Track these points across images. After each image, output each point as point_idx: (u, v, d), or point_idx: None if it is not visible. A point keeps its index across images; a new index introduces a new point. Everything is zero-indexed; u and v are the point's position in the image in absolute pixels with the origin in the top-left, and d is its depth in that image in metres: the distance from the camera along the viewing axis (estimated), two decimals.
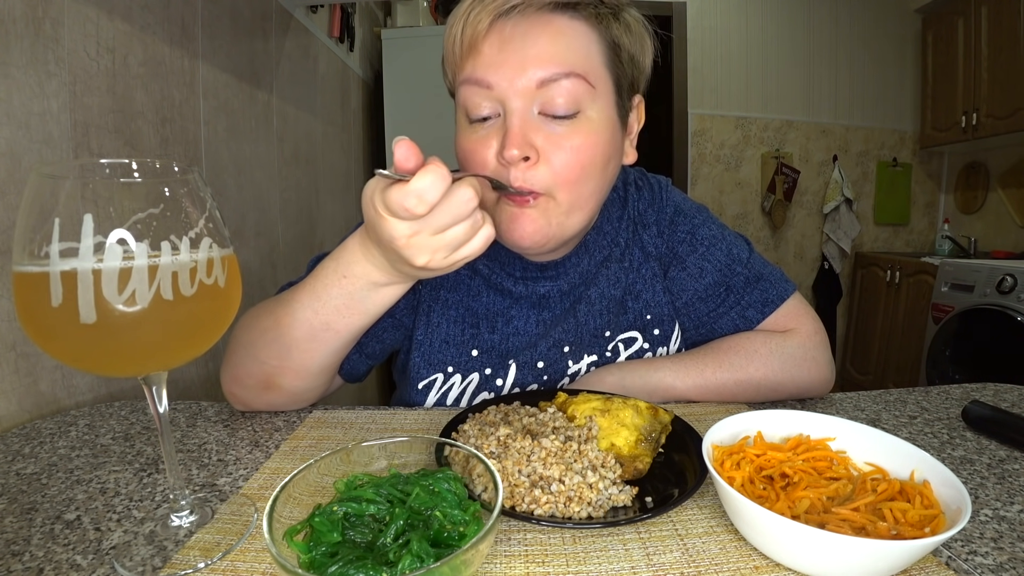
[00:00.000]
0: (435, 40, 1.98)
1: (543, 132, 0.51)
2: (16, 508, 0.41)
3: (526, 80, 0.49)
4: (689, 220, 0.69)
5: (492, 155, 0.51)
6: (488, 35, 0.50)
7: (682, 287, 0.68)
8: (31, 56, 0.63)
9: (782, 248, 3.23)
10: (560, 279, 0.66)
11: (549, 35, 0.49)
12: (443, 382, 0.65)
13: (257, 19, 1.25)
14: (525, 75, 0.49)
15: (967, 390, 0.66)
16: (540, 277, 0.66)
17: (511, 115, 0.50)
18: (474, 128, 0.53)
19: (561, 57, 0.49)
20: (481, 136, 0.52)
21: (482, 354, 0.65)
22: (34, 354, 0.63)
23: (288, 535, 0.31)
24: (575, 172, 0.51)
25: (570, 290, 0.67)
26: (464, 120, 0.54)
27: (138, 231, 0.31)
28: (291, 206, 1.47)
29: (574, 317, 0.66)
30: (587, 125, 0.51)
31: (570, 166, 0.51)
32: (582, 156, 0.51)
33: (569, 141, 0.51)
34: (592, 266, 0.67)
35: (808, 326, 0.66)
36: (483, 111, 0.52)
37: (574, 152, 0.51)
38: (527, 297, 0.66)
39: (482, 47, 0.50)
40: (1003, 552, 0.35)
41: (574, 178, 0.52)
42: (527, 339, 0.66)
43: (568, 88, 0.50)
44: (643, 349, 0.68)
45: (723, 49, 3.00)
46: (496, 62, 0.49)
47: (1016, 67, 2.38)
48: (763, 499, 0.37)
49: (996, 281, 2.17)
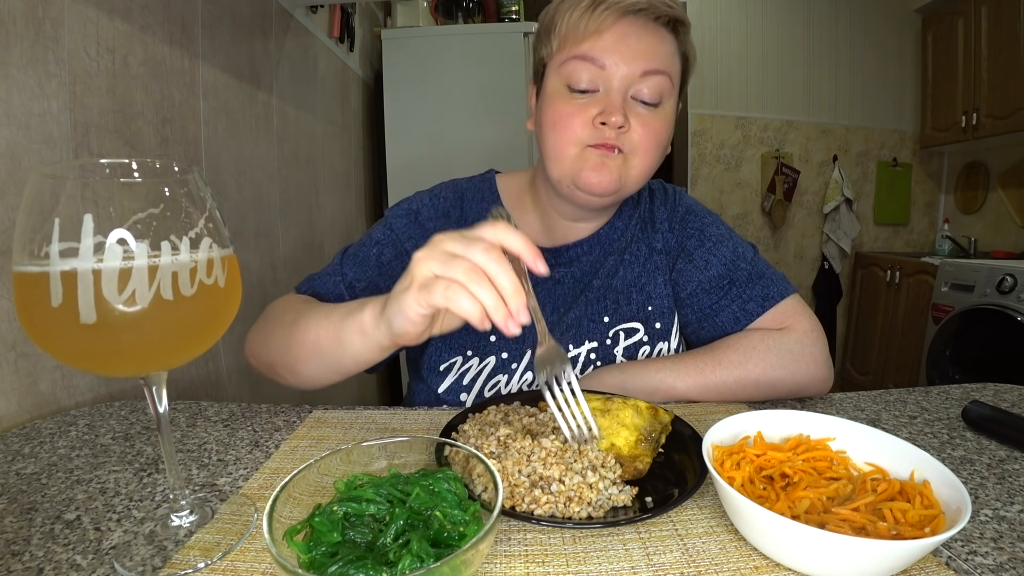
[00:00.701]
0: (435, 40, 1.98)
1: (633, 112, 0.62)
2: (16, 508, 0.41)
3: (633, 69, 0.60)
4: (699, 219, 0.75)
5: (587, 119, 0.61)
6: (613, 27, 0.60)
7: (687, 278, 0.72)
8: (31, 56, 0.63)
9: (782, 248, 3.23)
10: (573, 265, 0.72)
11: (656, 40, 0.62)
12: (461, 364, 0.69)
13: (257, 19, 1.25)
14: (634, 65, 0.60)
15: (967, 390, 0.66)
16: (555, 264, 0.72)
17: (614, 92, 0.61)
18: (574, 97, 0.62)
19: (661, 58, 0.62)
20: (580, 104, 0.62)
21: (500, 339, 0.69)
22: (34, 354, 0.63)
23: (288, 535, 0.31)
24: (652, 146, 0.63)
25: (581, 276, 0.72)
26: (564, 89, 0.63)
27: (138, 231, 0.31)
28: (291, 206, 1.47)
29: (582, 304, 0.70)
30: (663, 114, 0.64)
31: (648, 140, 0.63)
32: (659, 136, 0.64)
33: (652, 123, 0.63)
34: (602, 256, 0.73)
35: (805, 323, 0.67)
36: (583, 84, 0.61)
37: (654, 132, 0.63)
38: (543, 284, 0.71)
39: (605, 34, 0.60)
40: (1003, 552, 0.35)
41: (650, 150, 0.64)
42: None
43: (659, 82, 0.62)
44: (642, 342, 0.70)
45: (723, 49, 3.00)
46: (615, 49, 0.60)
47: (1016, 67, 2.38)
48: (763, 499, 0.37)
49: (996, 281, 2.17)
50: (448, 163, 2.00)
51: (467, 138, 2.00)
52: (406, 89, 2.01)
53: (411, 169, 2.04)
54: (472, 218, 0.72)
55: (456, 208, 0.73)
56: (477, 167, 0.85)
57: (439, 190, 0.76)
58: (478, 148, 2.00)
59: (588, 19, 0.60)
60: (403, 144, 2.04)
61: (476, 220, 0.70)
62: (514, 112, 1.97)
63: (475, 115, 1.99)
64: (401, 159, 2.05)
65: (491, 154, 1.99)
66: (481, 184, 0.76)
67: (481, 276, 0.40)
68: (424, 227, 0.71)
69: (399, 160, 2.05)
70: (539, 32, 0.67)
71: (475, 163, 2.01)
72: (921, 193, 3.28)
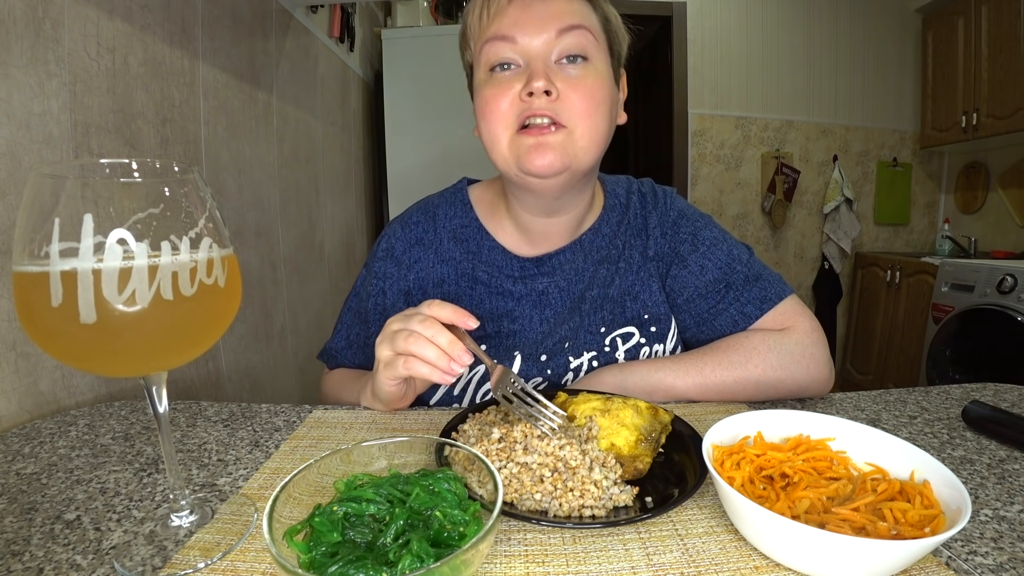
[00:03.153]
0: (435, 40, 1.98)
1: (560, 76, 0.59)
2: (16, 508, 0.41)
3: (547, 32, 0.58)
4: (692, 223, 0.72)
5: (513, 95, 0.59)
6: (512, 2, 0.59)
7: (683, 284, 0.70)
8: (31, 56, 0.63)
9: (782, 248, 3.23)
10: (556, 274, 0.70)
11: (563, 1, 0.59)
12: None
13: (257, 19, 1.25)
14: (546, 28, 0.58)
15: (967, 390, 0.66)
16: (537, 274, 0.70)
17: (534, 60, 0.58)
18: (496, 78, 0.60)
19: (572, 14, 0.59)
20: (504, 79, 0.59)
21: (489, 349, 0.69)
22: (34, 354, 0.63)
23: (288, 535, 0.31)
24: (590, 107, 0.59)
25: (568, 287, 0.70)
26: (485, 73, 0.61)
27: (138, 231, 0.31)
28: (291, 206, 1.47)
29: (578, 316, 0.69)
30: (594, 70, 0.60)
31: (586, 101, 0.59)
32: (596, 94, 0.59)
33: (583, 82, 0.59)
34: (589, 265, 0.71)
35: (805, 324, 0.66)
36: (501, 59, 0.60)
37: (588, 90, 0.59)
38: (527, 296, 0.69)
39: (507, 10, 0.59)
40: (1003, 552, 0.35)
41: (590, 111, 0.59)
42: (532, 336, 0.69)
43: (579, 37, 0.59)
44: (640, 344, 0.70)
45: (723, 49, 3.00)
46: (521, 20, 0.58)
47: (1016, 67, 2.38)
48: (763, 499, 0.37)
49: (996, 281, 2.17)
50: (448, 162, 2.00)
51: (467, 138, 1.99)
52: (406, 89, 2.00)
53: (411, 169, 2.04)
54: (446, 239, 0.71)
55: (429, 231, 0.72)
56: (476, 167, 0.86)
57: (409, 215, 0.74)
58: (478, 148, 1.98)
59: (487, 7, 0.60)
60: (403, 144, 2.04)
61: (450, 241, 0.71)
62: None
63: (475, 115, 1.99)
64: (401, 159, 2.05)
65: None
66: (452, 197, 0.74)
67: (421, 340, 0.50)
68: (400, 261, 0.71)
69: (399, 160, 2.05)
70: (460, 45, 0.67)
71: (475, 163, 2.01)
72: (921, 193, 3.28)
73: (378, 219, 2.35)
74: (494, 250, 0.70)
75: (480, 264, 0.70)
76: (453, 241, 0.71)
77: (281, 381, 1.39)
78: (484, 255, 0.70)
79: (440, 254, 0.71)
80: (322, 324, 1.69)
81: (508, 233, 0.71)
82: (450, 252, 0.71)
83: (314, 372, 1.54)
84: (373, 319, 0.72)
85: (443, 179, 0.80)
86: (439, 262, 0.71)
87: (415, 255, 0.71)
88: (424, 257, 0.71)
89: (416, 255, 0.71)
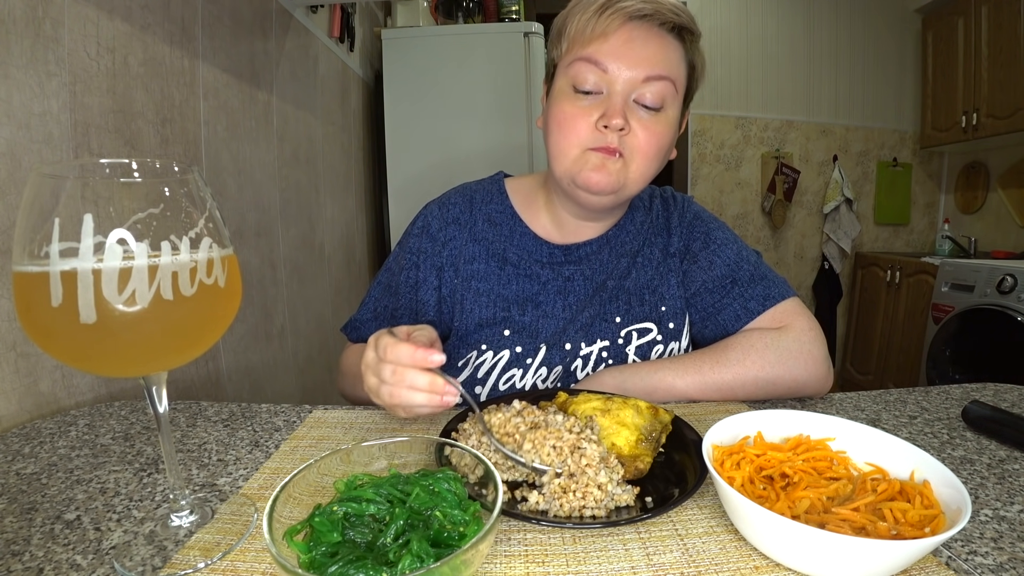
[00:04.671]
0: (435, 40, 1.97)
1: (635, 115, 0.63)
2: (16, 508, 0.41)
3: (636, 73, 0.62)
4: (706, 224, 0.77)
5: (591, 122, 0.63)
6: (619, 31, 0.62)
7: (692, 279, 0.74)
8: (31, 56, 0.63)
9: (782, 248, 3.23)
10: (583, 263, 0.74)
11: (661, 46, 0.63)
12: (476, 358, 0.70)
13: (257, 19, 1.25)
14: (637, 70, 0.62)
15: (967, 390, 0.66)
16: (565, 261, 0.74)
17: (615, 95, 0.62)
18: (578, 97, 0.64)
19: (664, 64, 0.63)
20: (584, 106, 0.64)
21: (513, 334, 0.70)
22: (34, 354, 0.63)
23: (288, 535, 0.31)
24: (652, 150, 0.64)
25: (592, 276, 0.74)
26: (569, 88, 0.65)
27: (138, 231, 0.31)
28: (291, 206, 1.47)
29: (597, 304, 0.72)
30: (665, 119, 0.65)
31: (649, 144, 0.64)
32: (660, 140, 0.65)
33: (653, 127, 0.64)
34: (613, 258, 0.75)
35: (803, 323, 0.68)
36: (587, 86, 0.63)
37: (655, 136, 0.64)
38: (553, 281, 0.73)
39: (611, 38, 0.62)
40: (1003, 552, 0.35)
41: (651, 154, 0.65)
42: (556, 322, 0.71)
43: (662, 88, 0.63)
44: (656, 341, 0.71)
45: (723, 49, 3.00)
46: (618, 53, 0.61)
47: (1016, 67, 2.38)
48: (763, 499, 0.37)
49: (996, 281, 2.17)
50: (448, 163, 2.00)
51: (467, 138, 2.00)
52: (406, 89, 2.00)
53: (411, 169, 2.04)
54: (481, 221, 0.75)
55: (466, 212, 0.76)
56: (477, 166, 0.86)
57: (448, 196, 0.78)
58: (478, 148, 2.00)
59: (595, 22, 0.62)
60: (403, 144, 2.04)
61: (485, 223, 0.75)
62: (514, 112, 1.97)
63: (475, 115, 1.99)
64: (401, 159, 2.05)
65: (491, 154, 1.98)
66: (490, 186, 0.78)
67: (403, 386, 0.50)
68: (435, 238, 0.74)
69: (399, 160, 2.05)
70: (552, 34, 0.69)
71: (475, 163, 2.01)
72: (921, 193, 3.28)
73: (378, 219, 2.35)
74: (526, 235, 0.74)
75: (511, 247, 0.74)
76: (487, 223, 0.75)
77: (281, 381, 1.39)
78: (516, 239, 0.74)
79: (474, 234, 0.74)
80: (322, 324, 1.69)
81: (541, 223, 0.76)
82: (483, 233, 0.74)
83: (314, 372, 1.54)
84: (404, 291, 0.74)
85: (444, 179, 0.80)
86: (472, 241, 0.74)
87: (450, 233, 0.74)
88: (459, 236, 0.74)
89: (451, 233, 0.74)
